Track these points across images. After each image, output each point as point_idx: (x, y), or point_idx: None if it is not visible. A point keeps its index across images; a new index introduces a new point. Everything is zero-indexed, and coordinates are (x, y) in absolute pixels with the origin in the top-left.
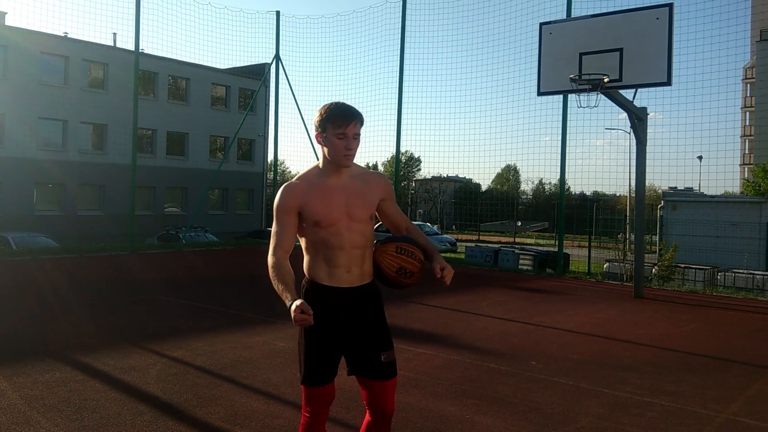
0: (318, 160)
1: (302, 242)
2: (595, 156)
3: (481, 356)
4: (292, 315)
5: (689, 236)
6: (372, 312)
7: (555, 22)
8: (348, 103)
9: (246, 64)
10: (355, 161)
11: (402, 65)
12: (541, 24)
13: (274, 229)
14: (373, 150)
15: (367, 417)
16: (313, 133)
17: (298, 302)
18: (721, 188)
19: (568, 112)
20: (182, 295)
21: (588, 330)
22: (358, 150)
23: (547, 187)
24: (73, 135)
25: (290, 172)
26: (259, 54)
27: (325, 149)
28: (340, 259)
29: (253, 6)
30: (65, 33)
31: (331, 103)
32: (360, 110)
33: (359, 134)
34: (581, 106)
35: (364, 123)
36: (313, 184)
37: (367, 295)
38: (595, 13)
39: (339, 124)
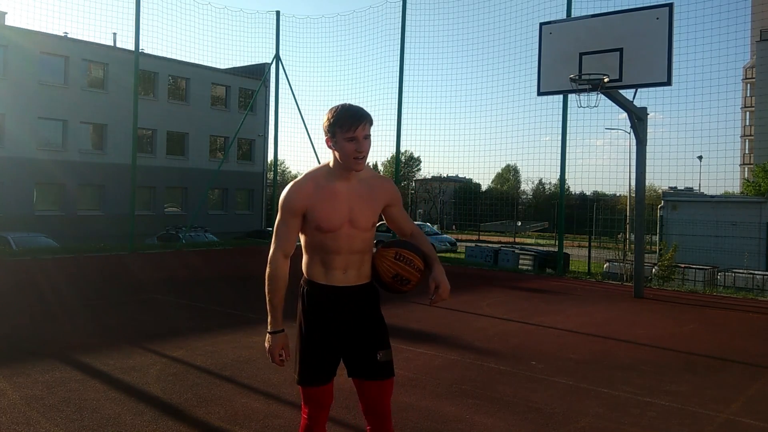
0: (319, 162)
1: (302, 240)
2: (595, 156)
3: (481, 356)
4: (267, 345)
5: (689, 236)
6: (368, 311)
7: (555, 22)
8: (347, 101)
9: (246, 64)
10: (368, 162)
11: (402, 65)
12: (541, 24)
13: (277, 226)
14: (373, 150)
15: (368, 429)
16: (313, 133)
17: (279, 340)
18: (721, 188)
19: (568, 112)
20: (182, 295)
21: (588, 330)
22: None
23: (547, 187)
24: (73, 135)
25: (290, 172)
26: (259, 54)
27: (336, 154)
28: (336, 262)
29: (253, 6)
30: (65, 33)
31: (338, 106)
32: None
33: (370, 135)
34: (581, 106)
35: (373, 121)
36: (321, 186)
37: (363, 294)
38: (595, 13)
39: (348, 127)
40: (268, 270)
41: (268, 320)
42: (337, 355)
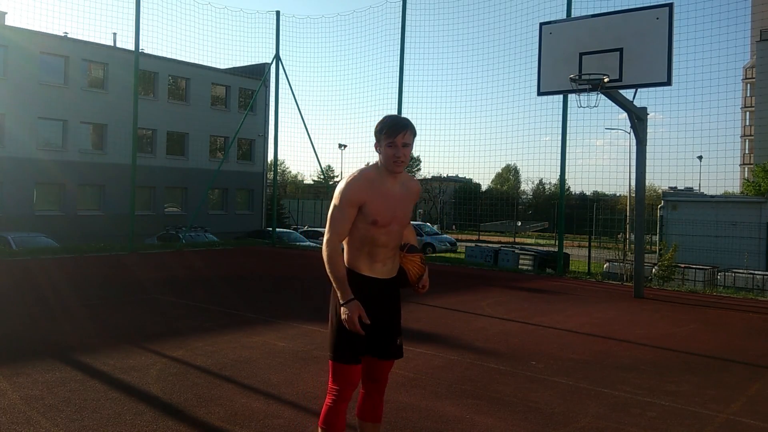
0: (319, 162)
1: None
2: (595, 156)
3: (481, 356)
4: (345, 316)
5: (689, 236)
6: (396, 301)
7: (555, 22)
8: (349, 102)
9: (246, 64)
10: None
11: (402, 65)
12: (541, 24)
13: (333, 215)
14: (373, 149)
15: (362, 392)
16: (313, 133)
17: (355, 307)
18: (721, 188)
19: (568, 112)
20: (182, 295)
21: (588, 330)
22: (359, 148)
23: (547, 187)
24: (73, 135)
25: (290, 172)
26: (259, 54)
27: (381, 157)
28: (381, 255)
29: (253, 6)
30: (65, 33)
31: (385, 116)
32: (360, 110)
33: (409, 144)
34: (581, 106)
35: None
36: (375, 184)
37: (394, 286)
38: (595, 13)
39: (390, 133)
40: (327, 252)
41: (339, 295)
42: (368, 337)
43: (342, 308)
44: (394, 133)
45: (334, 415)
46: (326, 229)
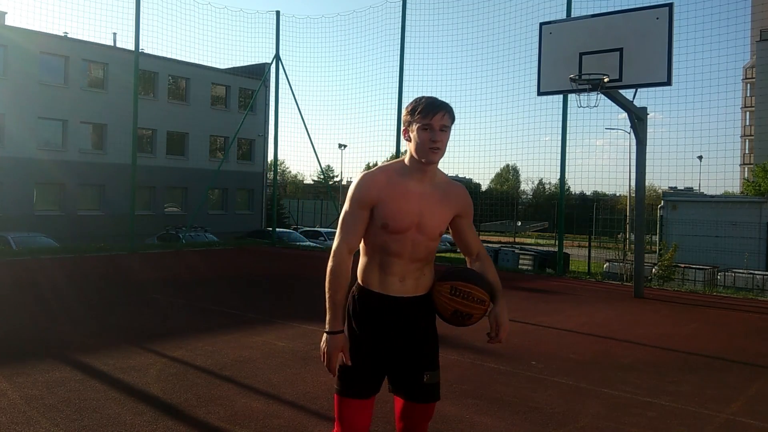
0: (319, 162)
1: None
2: (595, 156)
3: (481, 356)
4: (323, 345)
5: (689, 236)
6: (422, 326)
7: (555, 22)
8: (349, 102)
9: (246, 64)
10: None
11: (402, 65)
12: (541, 24)
13: (344, 218)
14: (373, 150)
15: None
16: (313, 133)
17: (338, 342)
18: (721, 188)
19: (568, 112)
20: (182, 295)
21: (588, 330)
22: (359, 148)
23: (547, 187)
24: (73, 135)
25: (290, 172)
26: (259, 54)
27: (411, 146)
28: (395, 267)
29: (253, 6)
30: (65, 33)
31: (419, 97)
32: (360, 110)
33: (448, 127)
34: (581, 106)
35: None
36: (393, 181)
37: (418, 307)
38: (595, 13)
39: (425, 113)
40: (331, 264)
41: (327, 318)
42: (383, 370)
43: (324, 335)
44: (431, 113)
45: None
46: (336, 235)
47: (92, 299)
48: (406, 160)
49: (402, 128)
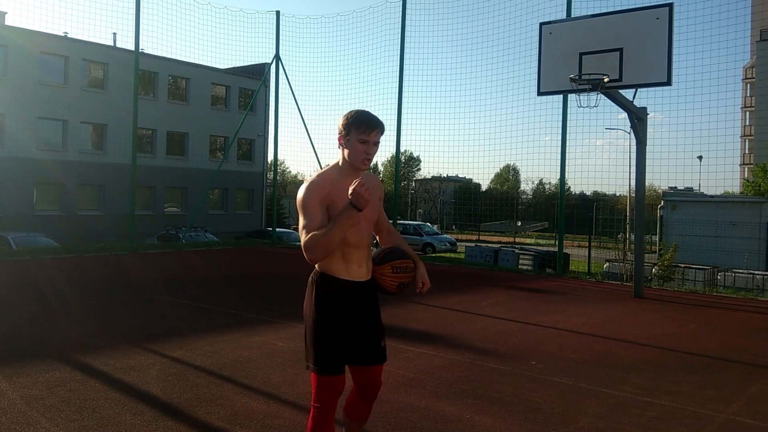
0: (319, 162)
1: None
2: (595, 156)
3: (481, 356)
4: (359, 193)
5: (689, 236)
6: (375, 304)
7: (555, 22)
8: (349, 102)
9: (246, 64)
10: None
11: (402, 65)
12: (541, 24)
13: (302, 223)
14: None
15: (354, 391)
16: (313, 133)
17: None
18: (721, 188)
19: (568, 112)
20: (182, 295)
21: (588, 330)
22: None
23: (547, 187)
24: (73, 135)
25: (290, 172)
26: (259, 54)
27: (346, 152)
28: (355, 256)
29: (253, 6)
30: (65, 33)
31: (358, 110)
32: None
33: (379, 142)
34: (581, 106)
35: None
36: (336, 184)
37: (371, 288)
38: (595, 13)
39: (363, 129)
40: (306, 239)
41: (341, 217)
42: (351, 345)
43: (347, 208)
44: (369, 129)
45: (322, 430)
46: (301, 235)
47: (92, 299)
48: (340, 163)
49: (338, 135)
